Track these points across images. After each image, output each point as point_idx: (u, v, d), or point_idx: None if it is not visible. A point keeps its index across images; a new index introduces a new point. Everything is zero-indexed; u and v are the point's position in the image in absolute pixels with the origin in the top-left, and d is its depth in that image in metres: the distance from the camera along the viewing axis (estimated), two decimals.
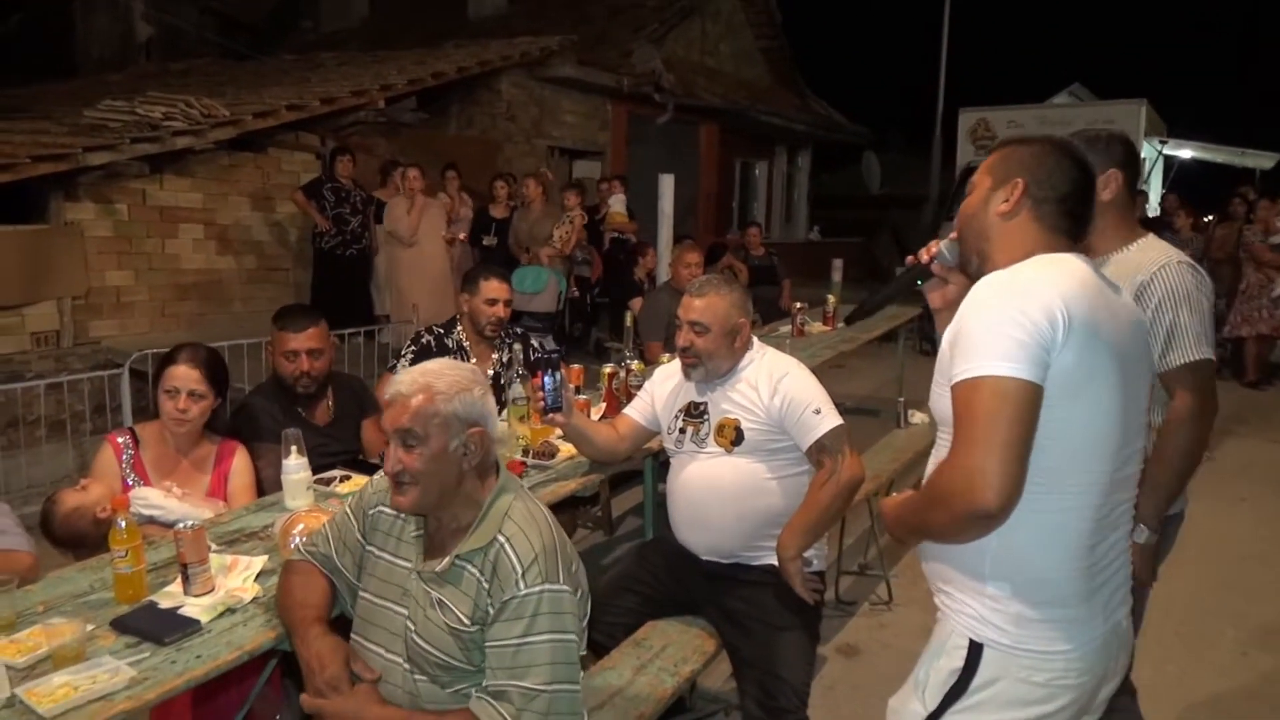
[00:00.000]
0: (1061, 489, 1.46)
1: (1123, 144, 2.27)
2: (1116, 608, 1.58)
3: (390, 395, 1.75)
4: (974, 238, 1.65)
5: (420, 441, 1.71)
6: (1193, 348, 2.09)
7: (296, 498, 2.48)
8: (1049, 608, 1.49)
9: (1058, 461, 1.44)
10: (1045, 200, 1.57)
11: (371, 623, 1.83)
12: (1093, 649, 1.52)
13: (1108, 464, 1.49)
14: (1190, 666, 3.52)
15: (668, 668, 2.46)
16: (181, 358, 2.72)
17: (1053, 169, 1.58)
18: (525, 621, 1.67)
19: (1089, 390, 1.43)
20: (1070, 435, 1.44)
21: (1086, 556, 1.50)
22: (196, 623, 1.83)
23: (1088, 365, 1.42)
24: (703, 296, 2.61)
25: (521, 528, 1.74)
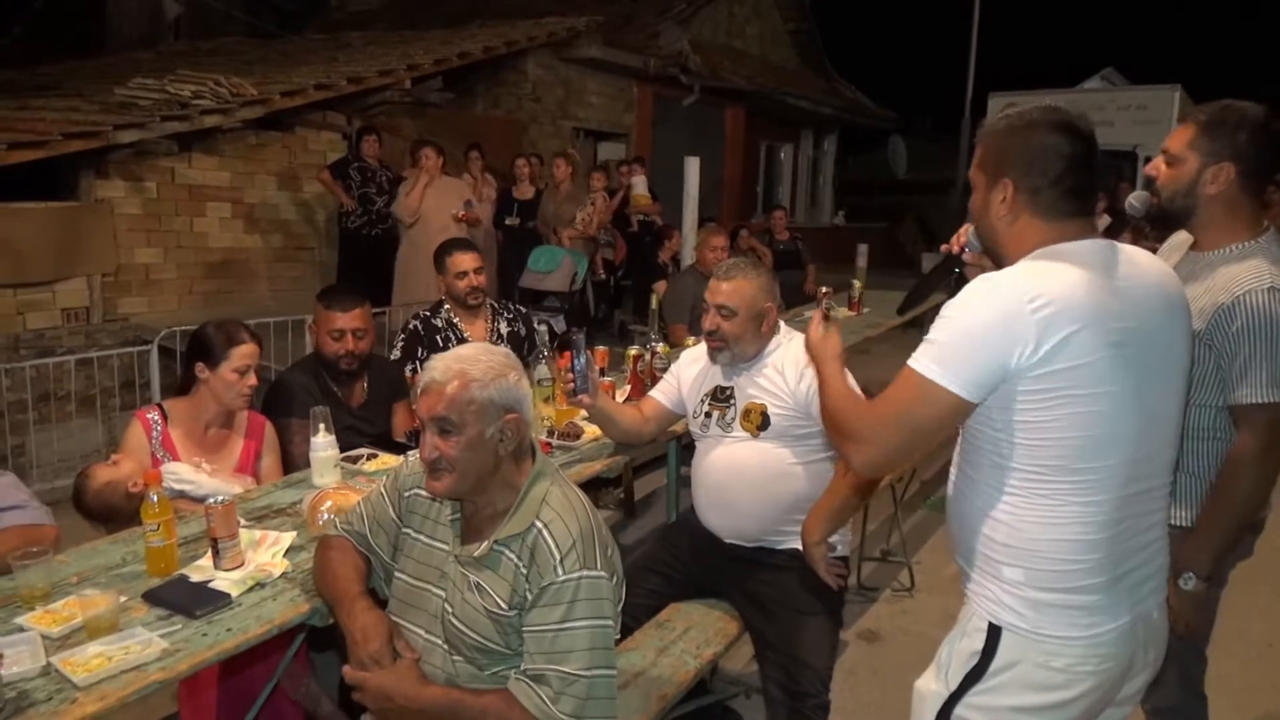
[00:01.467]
0: (1070, 481, 1.45)
1: (1251, 131, 1.97)
2: (1146, 597, 1.56)
3: (425, 382, 1.74)
4: (986, 238, 1.63)
5: (456, 429, 1.70)
6: (1265, 389, 1.91)
7: (324, 475, 2.50)
8: (1066, 594, 1.48)
9: (1061, 457, 1.44)
10: (1039, 190, 1.51)
11: (409, 604, 1.85)
12: (1115, 637, 1.50)
13: (1122, 454, 1.46)
14: (1215, 662, 3.47)
15: (690, 650, 2.47)
16: (246, 335, 2.77)
17: (1037, 153, 1.50)
18: (564, 607, 1.68)
19: (1088, 389, 1.41)
20: (1072, 432, 1.43)
21: (1105, 546, 1.48)
22: (227, 596, 1.86)
23: (1085, 365, 1.40)
24: (730, 280, 2.60)
25: (559, 513, 1.74)
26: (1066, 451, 1.44)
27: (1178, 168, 2.04)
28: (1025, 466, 1.47)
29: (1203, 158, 2.00)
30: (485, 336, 3.70)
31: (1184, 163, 2.02)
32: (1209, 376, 2.02)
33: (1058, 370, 1.39)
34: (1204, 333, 1.97)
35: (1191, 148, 2.01)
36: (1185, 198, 2.03)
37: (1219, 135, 1.98)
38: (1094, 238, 1.52)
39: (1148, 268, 1.56)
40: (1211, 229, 2.05)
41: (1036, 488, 1.47)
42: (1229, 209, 2.02)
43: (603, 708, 1.71)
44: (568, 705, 1.66)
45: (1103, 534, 1.47)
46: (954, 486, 1.64)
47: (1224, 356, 1.97)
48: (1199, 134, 2.01)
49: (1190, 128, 2.03)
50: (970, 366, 1.42)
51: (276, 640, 1.98)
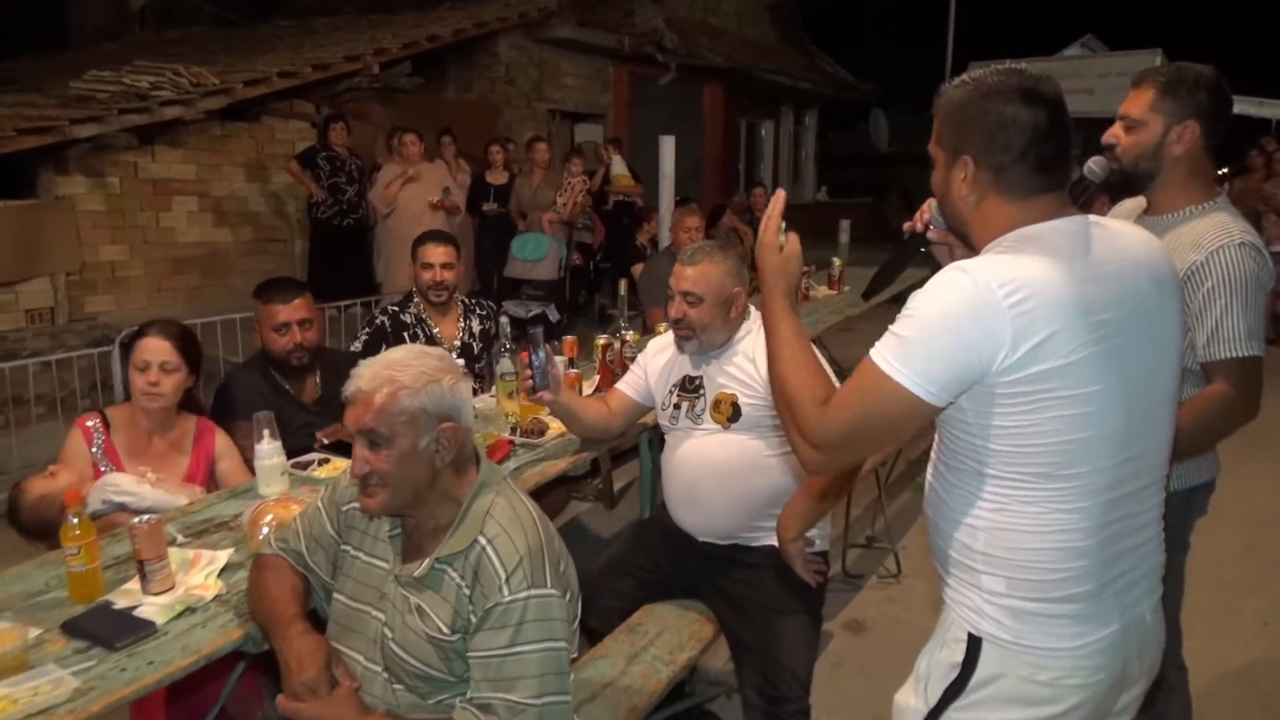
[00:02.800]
0: (1054, 488, 1.32)
1: (1209, 90, 1.97)
2: (1138, 601, 1.43)
3: (350, 392, 1.60)
4: (951, 219, 1.48)
5: (387, 441, 1.57)
6: (1242, 344, 1.88)
7: (271, 484, 2.36)
8: (1050, 603, 1.35)
9: (1045, 464, 1.31)
10: (1004, 168, 1.35)
11: (348, 627, 1.72)
12: (1104, 646, 1.38)
13: (1110, 457, 1.33)
14: (1210, 641, 3.39)
15: (662, 656, 2.34)
16: (151, 330, 2.60)
17: (997, 126, 1.34)
18: (511, 630, 1.55)
19: (1071, 390, 1.28)
20: (1055, 437, 1.30)
21: (1093, 552, 1.35)
22: (151, 625, 1.72)
23: (1067, 365, 1.26)
24: (695, 264, 2.47)
25: (505, 528, 1.61)
26: (1050, 458, 1.31)
27: (1140, 131, 2.02)
28: (1005, 474, 1.34)
29: (1166, 119, 1.98)
30: (456, 335, 3.56)
31: (1146, 125, 2.00)
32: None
33: (1038, 372, 1.26)
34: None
35: (1154, 110, 2.00)
36: (1150, 160, 2.01)
37: (1180, 95, 1.97)
38: (1068, 215, 1.37)
39: (1132, 245, 1.42)
40: (1171, 190, 2.02)
41: (1018, 494, 1.34)
42: (1191, 169, 2.00)
43: None
44: None
45: (1090, 540, 1.34)
46: (930, 488, 1.50)
47: (1196, 317, 1.92)
48: (1160, 95, 1.99)
49: (1149, 91, 2.01)
50: (937, 366, 1.28)
51: (226, 661, 1.86)
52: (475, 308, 3.68)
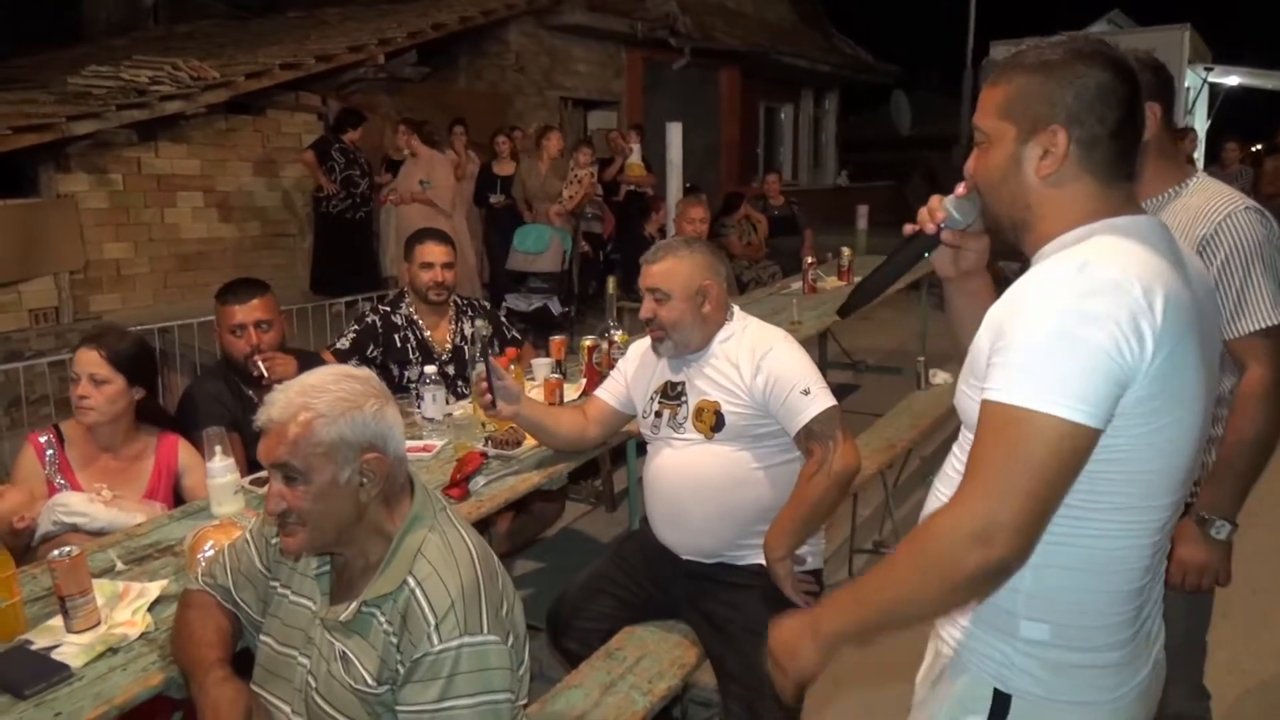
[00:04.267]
0: (1128, 521, 1.16)
1: (1154, 70, 1.89)
2: (1154, 640, 1.30)
3: (262, 421, 1.45)
4: (1007, 206, 1.26)
5: (303, 476, 1.42)
6: (1269, 311, 1.77)
7: (223, 503, 2.23)
8: (1093, 653, 1.20)
9: (1128, 493, 1.15)
10: (1096, 143, 1.18)
11: (273, 673, 1.57)
12: (1134, 696, 1.24)
13: (1180, 489, 1.19)
14: (1241, 652, 3.20)
15: (640, 685, 2.19)
16: (86, 341, 2.49)
17: (1095, 95, 1.17)
18: (441, 683, 1.40)
19: (1171, 408, 1.12)
20: (1151, 464, 1.14)
21: (1141, 595, 1.22)
22: (66, 669, 1.59)
23: (1175, 379, 1.11)
24: (659, 261, 2.31)
25: (436, 568, 1.45)
26: (1138, 486, 1.15)
27: None
28: (1083, 502, 1.14)
29: None
30: (449, 339, 3.41)
31: None
32: None
33: (1160, 387, 1.09)
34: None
35: None
36: None
37: None
38: (1142, 211, 1.23)
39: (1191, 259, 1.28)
40: (1148, 176, 1.89)
41: (1092, 527, 1.15)
42: (1160, 150, 1.90)
43: None
44: None
45: (1144, 580, 1.21)
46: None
47: (1219, 297, 1.77)
48: None
49: None
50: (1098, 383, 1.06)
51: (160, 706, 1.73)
52: (468, 309, 3.53)
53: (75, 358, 2.44)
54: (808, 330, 4.16)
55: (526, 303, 6.62)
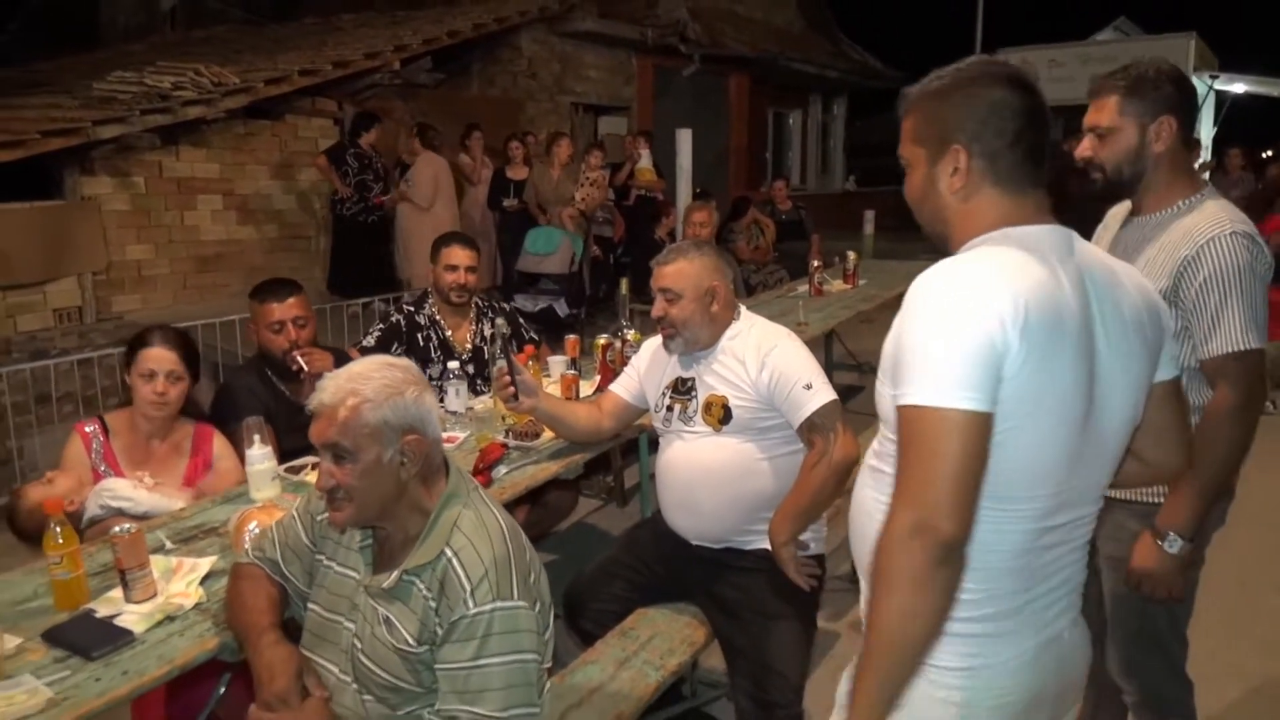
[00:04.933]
0: (996, 509, 1.24)
1: (1175, 83, 1.96)
2: (1056, 618, 1.36)
3: (314, 405, 1.60)
4: (930, 222, 1.37)
5: (351, 455, 1.57)
6: (1240, 336, 1.83)
7: (261, 488, 2.38)
8: (964, 623, 1.29)
9: (996, 485, 1.22)
10: (997, 155, 1.28)
11: (321, 637, 1.72)
12: (1017, 665, 1.32)
13: (1055, 486, 1.27)
14: (1230, 642, 3.32)
15: (653, 661, 2.33)
16: (155, 339, 2.62)
17: (989, 111, 1.27)
18: (476, 643, 1.55)
19: (1028, 411, 1.20)
20: (1012, 462, 1.22)
21: (1016, 576, 1.30)
22: (130, 634, 1.74)
23: (1033, 385, 1.19)
24: (671, 263, 2.46)
25: (470, 539, 1.60)
26: (1002, 480, 1.22)
27: (1114, 138, 1.99)
28: None
29: (1139, 119, 1.96)
30: (469, 339, 3.56)
31: (1120, 131, 1.98)
32: (1177, 337, 1.92)
33: (1023, 387, 1.18)
34: (1169, 289, 1.90)
35: (1123, 114, 1.97)
36: (1134, 164, 1.98)
37: (1147, 94, 1.95)
38: (1050, 221, 1.31)
39: (1117, 271, 1.36)
40: (1159, 189, 1.99)
41: None
42: (1173, 164, 1.98)
43: None
44: None
45: (1018, 563, 1.29)
46: (856, 503, 1.43)
47: (1193, 313, 1.87)
48: (1125, 98, 1.96)
49: (1111, 96, 1.98)
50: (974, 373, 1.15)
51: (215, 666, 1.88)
52: (488, 310, 3.67)
53: (147, 355, 2.56)
54: (813, 332, 4.29)
55: (533, 303, 6.77)
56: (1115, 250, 2.06)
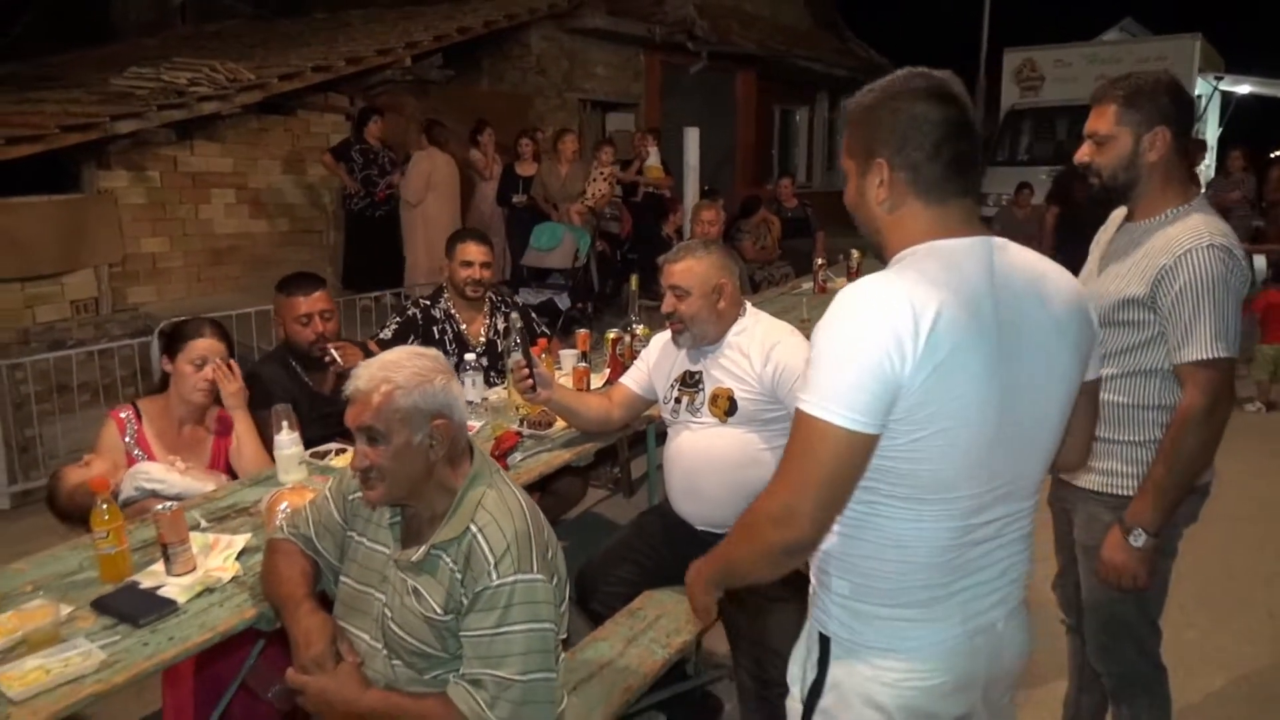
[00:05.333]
0: (914, 509, 1.33)
1: (1171, 94, 2.02)
2: (990, 608, 1.43)
3: (350, 391, 1.73)
4: (867, 231, 1.44)
5: (383, 438, 1.69)
6: (1210, 345, 1.91)
7: (289, 472, 2.50)
8: (887, 608, 1.39)
9: (909, 487, 1.31)
10: (919, 166, 1.33)
11: (353, 607, 1.84)
12: (945, 650, 1.39)
13: (978, 487, 1.34)
14: (1211, 631, 3.43)
15: (659, 639, 2.45)
16: (207, 330, 2.78)
17: (909, 125, 1.32)
18: (499, 612, 1.67)
19: (944, 416, 1.26)
20: (926, 465, 1.29)
21: (942, 569, 1.37)
22: (173, 603, 1.86)
23: (944, 390, 1.25)
24: (680, 260, 2.58)
25: (494, 517, 1.72)
26: (921, 481, 1.31)
27: (1111, 145, 2.07)
28: (872, 489, 1.34)
29: (1135, 128, 2.03)
30: (482, 333, 3.67)
31: (1116, 139, 2.06)
32: (1153, 341, 2.03)
33: (929, 396, 1.25)
34: (1147, 296, 2.00)
35: (1120, 123, 2.05)
36: (1128, 171, 2.06)
37: (1144, 104, 2.02)
38: (978, 232, 1.36)
39: (1037, 277, 1.39)
40: (1150, 197, 2.07)
41: (880, 510, 1.35)
42: (1166, 174, 2.05)
43: (539, 712, 1.70)
44: (504, 710, 1.65)
45: (941, 558, 1.36)
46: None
47: (1168, 320, 1.97)
48: (1123, 108, 2.04)
49: (1111, 105, 2.06)
50: (862, 392, 1.23)
51: (247, 638, 2.00)
52: (501, 305, 3.78)
53: (198, 345, 2.71)
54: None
55: (535, 295, 6.90)
56: (1108, 253, 2.17)
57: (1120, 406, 2.10)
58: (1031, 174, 10.29)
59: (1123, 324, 2.06)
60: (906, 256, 1.34)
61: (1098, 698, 2.48)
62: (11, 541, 4.35)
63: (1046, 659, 3.01)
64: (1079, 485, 2.20)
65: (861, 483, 1.32)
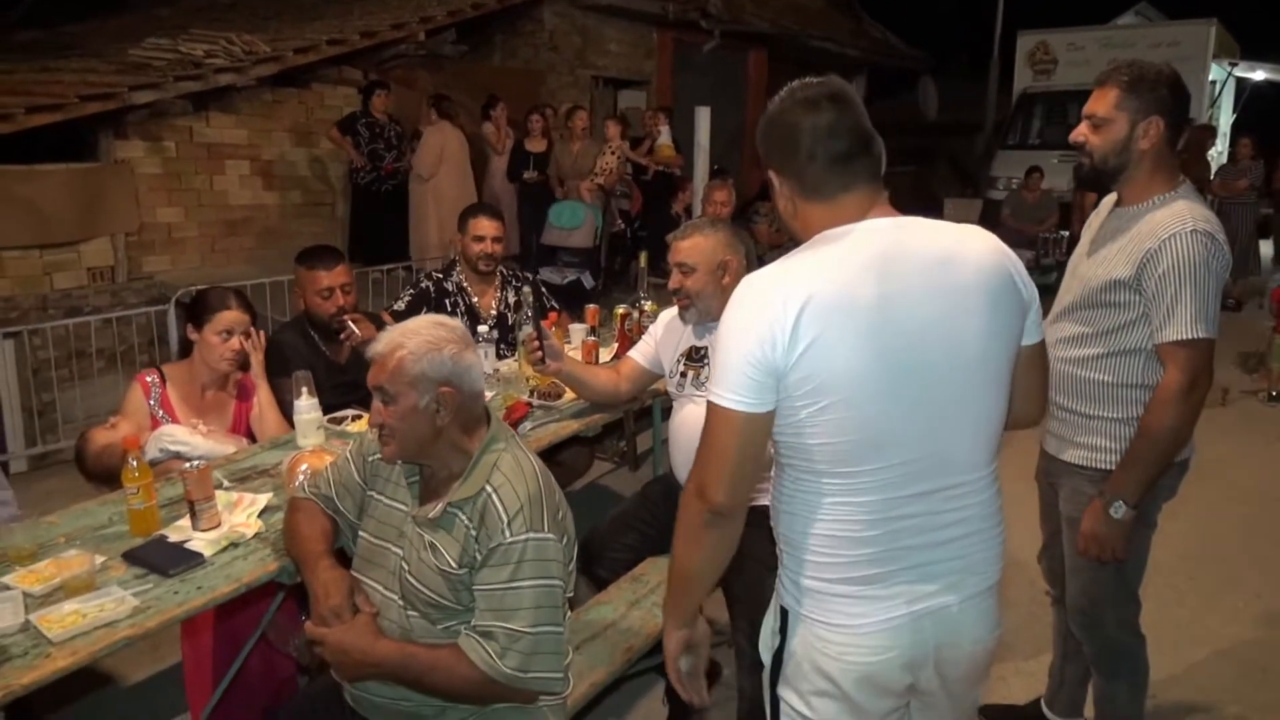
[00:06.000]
0: (831, 482, 1.43)
1: (1169, 87, 2.09)
2: (941, 591, 1.48)
3: (370, 353, 1.83)
4: (793, 235, 1.55)
5: (393, 399, 1.79)
6: (1190, 325, 1.99)
7: (308, 436, 2.60)
8: (831, 584, 1.47)
9: (819, 460, 1.42)
10: (801, 172, 1.46)
11: (370, 561, 1.94)
12: (887, 630, 1.46)
13: (896, 457, 1.41)
14: (1201, 610, 3.51)
15: (661, 603, 2.54)
16: (233, 302, 2.86)
17: (786, 137, 1.46)
18: (511, 567, 1.76)
19: (842, 394, 1.36)
20: (828, 438, 1.40)
21: (876, 543, 1.44)
22: (200, 556, 1.96)
23: (825, 366, 1.35)
24: (687, 238, 2.66)
25: (509, 478, 1.82)
26: (824, 455, 1.41)
27: (1107, 129, 2.13)
28: (790, 465, 1.48)
29: (1131, 115, 2.10)
30: (494, 306, 3.75)
31: (1113, 123, 2.12)
32: (1137, 322, 2.11)
33: (808, 374, 1.36)
34: (1132, 278, 2.07)
35: (1119, 108, 2.11)
36: (1118, 156, 2.13)
37: (1143, 92, 2.09)
38: (879, 216, 1.45)
39: (947, 247, 1.44)
40: (1138, 183, 2.14)
41: (800, 485, 1.47)
42: (1156, 163, 2.12)
43: (548, 662, 1.80)
44: (513, 660, 1.75)
45: (871, 532, 1.44)
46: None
47: (1152, 301, 2.05)
48: (1124, 94, 2.10)
49: (1113, 90, 2.12)
50: (747, 377, 1.38)
51: (267, 589, 2.10)
52: (512, 279, 3.87)
53: (225, 317, 2.79)
54: None
55: (560, 276, 6.96)
56: (1098, 237, 2.25)
57: (1104, 385, 2.18)
58: (1043, 158, 10.29)
59: (1108, 305, 2.14)
60: (802, 248, 1.46)
61: (1081, 667, 2.57)
62: (31, 503, 4.45)
63: (1038, 629, 3.11)
64: (1064, 460, 2.28)
65: (784, 461, 1.48)
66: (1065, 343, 2.24)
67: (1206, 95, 11.49)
